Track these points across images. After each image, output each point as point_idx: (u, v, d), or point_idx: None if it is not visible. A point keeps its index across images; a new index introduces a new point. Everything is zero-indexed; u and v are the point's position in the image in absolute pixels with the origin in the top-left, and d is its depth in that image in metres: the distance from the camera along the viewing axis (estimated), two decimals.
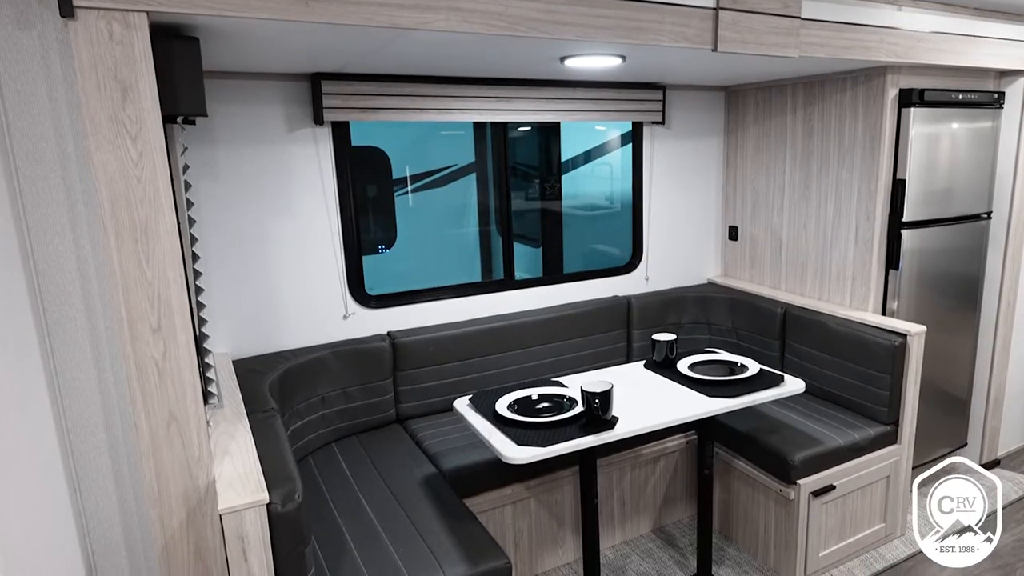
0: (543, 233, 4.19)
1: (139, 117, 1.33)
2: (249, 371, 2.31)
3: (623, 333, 3.19)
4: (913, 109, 2.69)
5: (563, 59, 2.27)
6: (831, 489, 2.54)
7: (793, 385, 2.28)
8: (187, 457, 1.47)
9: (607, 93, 2.98)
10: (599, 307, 3.12)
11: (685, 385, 2.29)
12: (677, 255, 3.46)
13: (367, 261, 2.77)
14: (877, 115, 2.71)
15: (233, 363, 2.34)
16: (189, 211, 1.94)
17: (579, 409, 2.04)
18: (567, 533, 2.67)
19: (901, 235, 2.78)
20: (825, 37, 2.28)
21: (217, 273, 2.42)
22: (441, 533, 2.00)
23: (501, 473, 2.40)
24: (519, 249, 3.43)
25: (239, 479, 1.51)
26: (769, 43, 2.16)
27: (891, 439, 2.69)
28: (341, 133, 2.59)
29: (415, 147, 4.46)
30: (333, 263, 2.65)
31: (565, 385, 2.30)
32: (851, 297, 2.93)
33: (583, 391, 1.99)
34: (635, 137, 3.26)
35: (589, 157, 4.76)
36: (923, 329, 2.63)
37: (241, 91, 2.37)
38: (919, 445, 2.83)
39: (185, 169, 1.94)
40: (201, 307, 1.98)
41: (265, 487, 1.47)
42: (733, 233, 3.50)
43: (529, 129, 4.09)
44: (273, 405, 2.06)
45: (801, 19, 2.21)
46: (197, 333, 1.75)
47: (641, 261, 3.35)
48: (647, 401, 2.20)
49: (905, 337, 2.60)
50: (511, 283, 3.07)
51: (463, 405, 2.19)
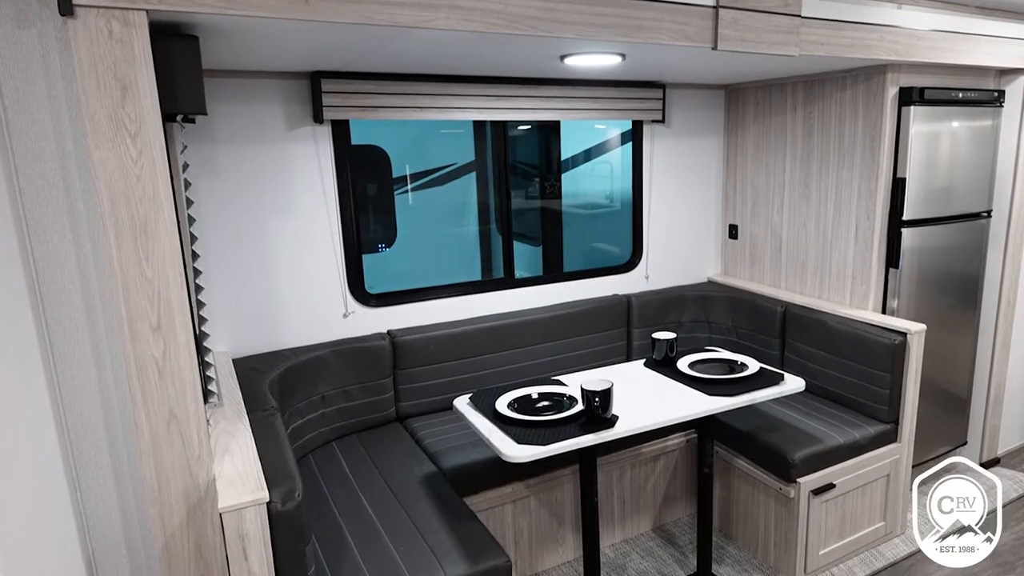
0: (543, 232, 4.19)
1: (138, 115, 1.33)
2: (249, 370, 2.31)
3: (623, 332, 3.19)
4: (913, 107, 2.69)
5: (563, 57, 2.27)
6: (831, 487, 2.54)
7: (793, 384, 2.28)
8: (187, 456, 1.47)
9: (607, 92, 2.98)
10: (599, 306, 3.12)
11: (685, 384, 2.29)
12: (677, 254, 3.46)
13: (367, 260, 2.77)
14: (877, 114, 2.71)
15: (233, 362, 2.34)
16: (189, 210, 1.94)
17: (579, 408, 2.04)
18: (567, 531, 2.67)
19: (901, 234, 2.78)
20: (825, 35, 2.28)
21: (217, 272, 2.42)
22: (441, 532, 2.00)
23: (501, 472, 2.40)
24: (519, 248, 3.43)
25: (239, 478, 1.51)
26: (769, 41, 2.16)
27: (891, 437, 2.70)
28: (341, 132, 2.58)
29: (415, 146, 4.46)
30: (333, 262, 2.65)
31: (565, 384, 2.29)
32: (851, 296, 2.93)
33: (583, 390, 1.99)
34: (635, 136, 3.25)
35: (589, 156, 4.76)
36: (923, 328, 2.63)
37: (241, 89, 2.37)
38: (919, 443, 2.83)
39: (185, 168, 1.94)
40: (201, 306, 1.98)
41: (265, 486, 1.47)
42: (733, 232, 3.50)
43: (529, 128, 4.09)
44: (273, 404, 2.06)
45: (801, 17, 2.21)
46: (197, 332, 1.75)
47: (641, 260, 3.35)
48: (647, 400, 2.20)
49: (905, 336, 2.60)
50: (511, 282, 3.07)
51: (463, 404, 2.19)
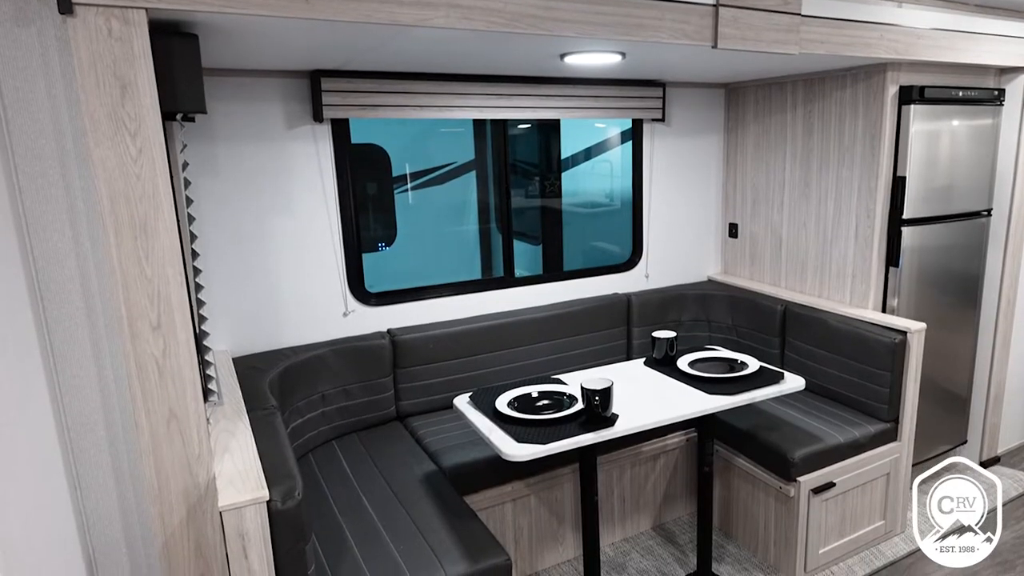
0: (543, 231, 4.19)
1: (138, 114, 1.33)
2: (249, 368, 2.31)
3: (623, 331, 3.19)
4: (913, 106, 2.68)
5: (563, 56, 2.26)
6: (831, 486, 2.54)
7: (793, 382, 2.28)
8: (187, 454, 1.47)
9: (607, 90, 2.98)
10: (599, 305, 3.12)
11: (685, 382, 2.29)
12: (677, 252, 3.46)
13: (367, 259, 2.77)
14: (877, 112, 2.71)
15: (233, 361, 2.34)
16: (188, 208, 1.94)
17: (579, 406, 2.04)
18: (567, 530, 2.68)
19: (901, 232, 2.78)
20: (825, 34, 2.28)
21: (217, 270, 2.42)
22: (441, 530, 2.00)
23: (501, 470, 2.40)
24: (519, 247, 3.43)
25: (239, 476, 1.51)
26: (769, 40, 2.16)
27: (891, 436, 2.70)
28: (341, 130, 2.58)
29: (415, 145, 4.46)
30: (333, 260, 2.65)
31: (565, 382, 2.29)
32: (851, 294, 2.93)
33: (583, 388, 1.99)
34: (635, 134, 3.25)
35: (589, 154, 4.76)
36: (923, 326, 2.63)
37: (240, 88, 2.36)
38: (919, 442, 2.83)
39: (184, 166, 1.94)
40: (201, 304, 1.98)
41: (265, 484, 1.47)
42: (733, 230, 3.50)
43: (529, 126, 4.09)
44: (273, 402, 2.06)
45: (801, 16, 2.21)
46: (197, 331, 1.75)
47: (641, 258, 3.35)
48: (647, 398, 2.19)
49: (905, 334, 2.60)
50: (511, 281, 3.07)
51: (463, 402, 2.19)
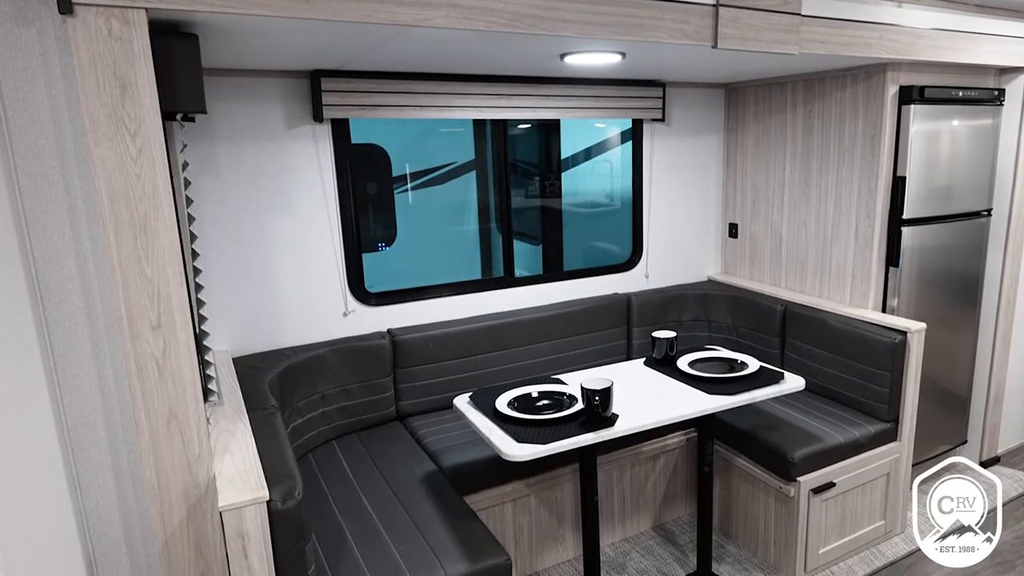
0: (543, 231, 4.19)
1: (138, 114, 1.33)
2: (249, 368, 2.31)
3: (623, 331, 3.19)
4: (913, 106, 2.68)
5: (563, 56, 2.26)
6: (831, 486, 2.54)
7: (793, 382, 2.28)
8: (187, 454, 1.47)
9: (607, 90, 2.98)
10: (599, 305, 3.12)
11: (685, 382, 2.29)
12: (677, 252, 3.46)
13: (367, 259, 2.77)
14: (877, 112, 2.71)
15: (233, 360, 2.34)
16: (188, 208, 1.94)
17: (579, 406, 2.04)
18: (567, 530, 2.68)
19: (901, 232, 2.78)
20: (825, 34, 2.28)
21: (217, 270, 2.42)
22: (441, 530, 2.00)
23: (501, 470, 2.40)
24: (519, 247, 3.43)
25: (239, 476, 1.51)
26: (769, 40, 2.16)
27: (891, 436, 2.70)
28: (341, 130, 2.58)
29: (415, 145, 4.46)
30: (333, 260, 2.65)
31: (565, 382, 2.29)
32: (851, 294, 2.93)
33: (583, 388, 1.99)
34: (635, 134, 3.25)
35: (589, 154, 4.76)
36: (923, 326, 2.63)
37: (240, 88, 2.36)
38: (919, 442, 2.83)
39: (184, 166, 1.94)
40: (201, 304, 1.98)
41: (265, 484, 1.47)
42: (733, 230, 3.50)
43: (529, 126, 4.09)
44: (273, 402, 2.06)
45: (801, 16, 2.21)
46: (197, 330, 1.75)
47: (641, 258, 3.35)
48: (647, 398, 2.19)
49: (905, 334, 2.60)
50: (511, 281, 3.07)
51: (463, 402, 2.19)
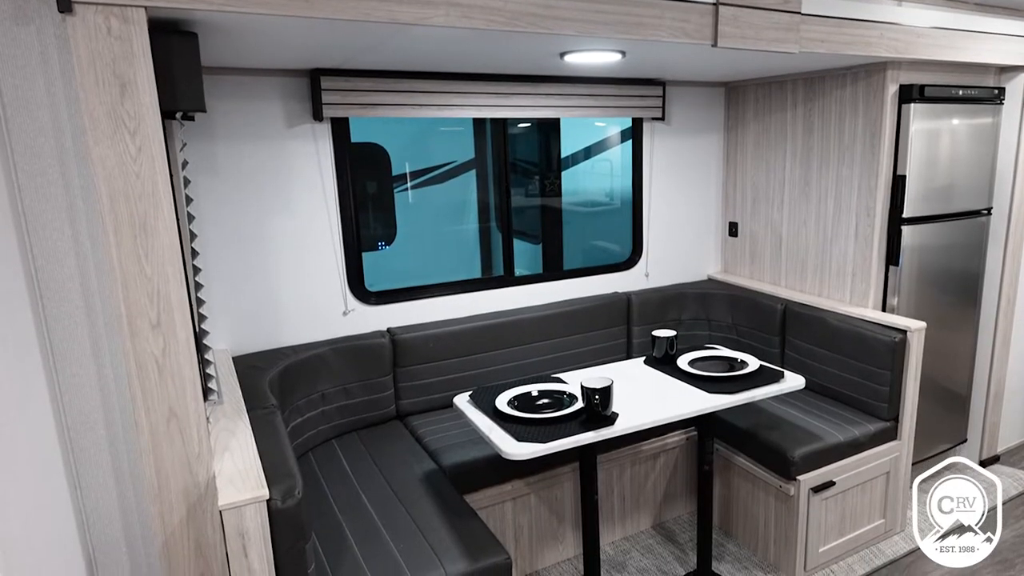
0: (543, 229, 4.19)
1: (137, 112, 1.33)
2: (249, 367, 2.31)
3: (623, 329, 3.19)
4: (913, 105, 2.68)
5: (563, 55, 2.26)
6: (831, 485, 2.54)
7: (793, 381, 2.28)
8: (187, 453, 1.47)
9: (607, 89, 2.97)
10: (599, 303, 3.12)
11: (685, 381, 2.29)
12: (677, 251, 3.46)
13: (367, 258, 2.77)
14: (877, 111, 2.70)
15: (233, 359, 2.34)
16: (188, 207, 1.94)
17: (579, 405, 2.04)
18: (567, 529, 2.68)
19: (901, 231, 2.78)
20: (825, 32, 2.28)
21: (217, 269, 2.42)
22: (441, 529, 2.00)
23: (501, 469, 2.40)
24: (519, 246, 3.43)
25: (239, 475, 1.51)
26: (769, 39, 2.16)
27: (891, 435, 2.70)
28: (340, 129, 2.58)
29: (415, 143, 4.46)
30: (333, 259, 2.65)
31: (565, 381, 2.29)
32: (851, 293, 2.93)
33: (583, 387, 1.99)
34: (635, 133, 3.25)
35: (589, 153, 4.75)
36: (923, 325, 2.63)
37: (240, 87, 2.36)
38: (919, 441, 2.83)
39: (184, 165, 1.94)
40: (201, 303, 1.98)
41: (265, 483, 1.47)
42: (733, 229, 3.50)
43: (529, 125, 4.09)
44: (273, 401, 2.06)
45: (801, 14, 2.21)
46: (197, 329, 1.75)
47: (641, 257, 3.35)
48: (647, 397, 2.19)
49: (905, 333, 2.60)
50: (511, 279, 3.07)
51: (463, 401, 2.19)
